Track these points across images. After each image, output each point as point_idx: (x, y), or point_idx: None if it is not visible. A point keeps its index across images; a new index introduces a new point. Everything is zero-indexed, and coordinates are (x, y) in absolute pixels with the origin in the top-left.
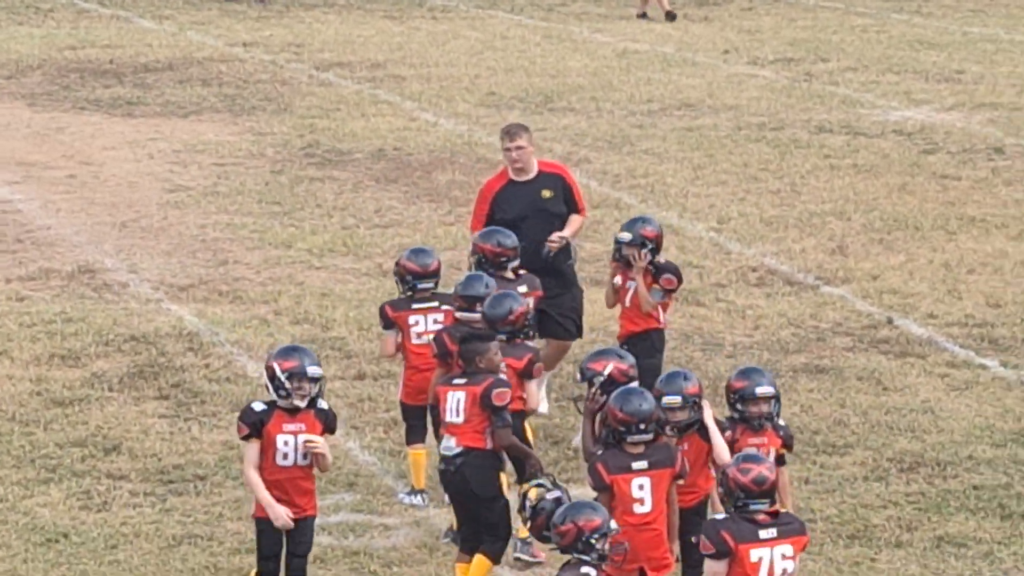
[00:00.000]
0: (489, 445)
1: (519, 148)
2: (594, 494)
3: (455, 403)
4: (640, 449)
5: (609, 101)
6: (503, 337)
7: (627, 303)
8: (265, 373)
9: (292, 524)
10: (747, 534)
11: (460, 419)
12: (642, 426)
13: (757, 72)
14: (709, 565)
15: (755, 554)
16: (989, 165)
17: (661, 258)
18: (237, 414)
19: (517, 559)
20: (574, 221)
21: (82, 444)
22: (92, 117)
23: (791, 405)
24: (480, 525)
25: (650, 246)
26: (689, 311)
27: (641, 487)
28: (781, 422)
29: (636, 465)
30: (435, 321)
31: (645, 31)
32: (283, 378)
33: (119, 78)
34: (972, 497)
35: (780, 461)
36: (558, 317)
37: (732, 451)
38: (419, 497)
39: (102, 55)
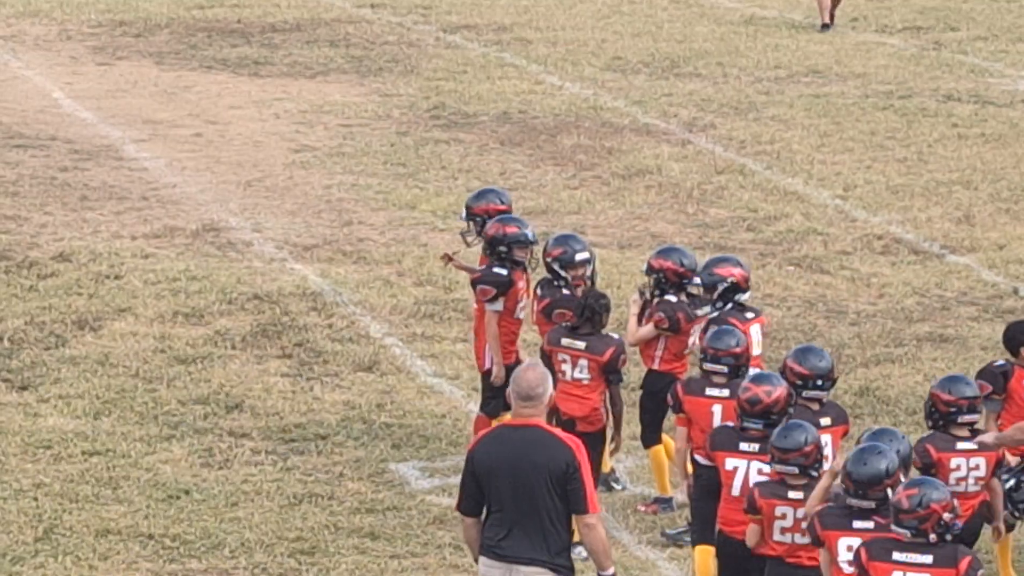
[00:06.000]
0: None
1: None
2: None
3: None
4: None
5: (736, 67)
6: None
7: None
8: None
9: None
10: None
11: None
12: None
13: (885, 40)
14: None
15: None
16: None
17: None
18: (359, 374)
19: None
20: None
21: (204, 402)
22: (219, 76)
23: (914, 374)
24: None
25: None
26: (813, 278)
27: None
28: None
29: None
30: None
31: None
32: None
33: (246, 38)
34: None
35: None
36: None
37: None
38: None
39: (230, 15)
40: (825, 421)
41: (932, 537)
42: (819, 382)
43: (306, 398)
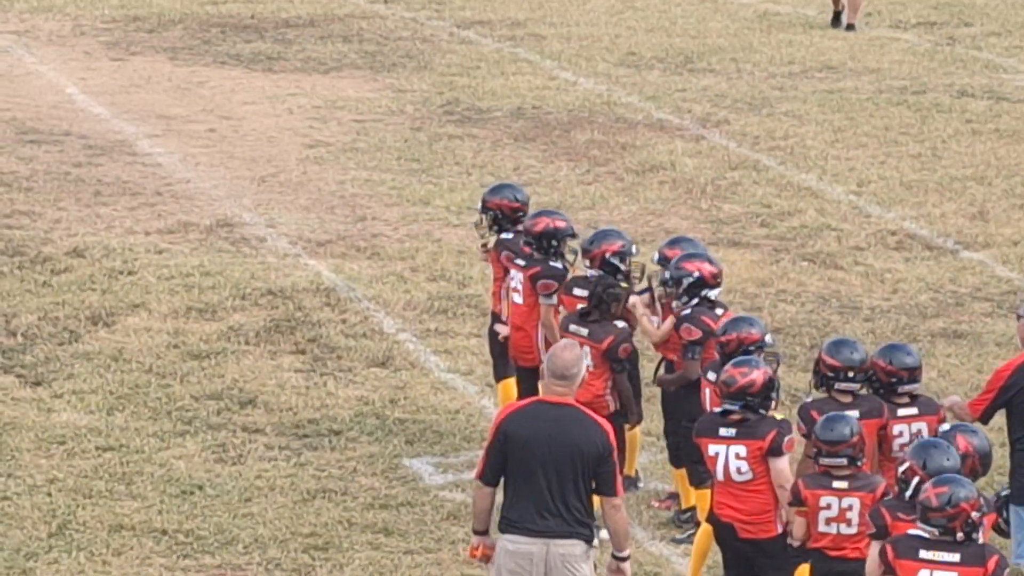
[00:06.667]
0: None
1: None
2: None
3: None
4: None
5: (749, 62)
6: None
7: None
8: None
9: None
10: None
11: None
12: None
13: (899, 35)
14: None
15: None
16: None
17: None
18: (372, 370)
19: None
20: None
21: (218, 397)
22: (232, 72)
23: (929, 370)
24: None
25: None
26: (827, 274)
27: None
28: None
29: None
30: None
31: None
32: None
33: (260, 33)
34: None
35: None
36: None
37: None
38: None
39: (243, 10)
40: (854, 415)
41: (959, 536)
42: (851, 374)
43: (320, 393)
